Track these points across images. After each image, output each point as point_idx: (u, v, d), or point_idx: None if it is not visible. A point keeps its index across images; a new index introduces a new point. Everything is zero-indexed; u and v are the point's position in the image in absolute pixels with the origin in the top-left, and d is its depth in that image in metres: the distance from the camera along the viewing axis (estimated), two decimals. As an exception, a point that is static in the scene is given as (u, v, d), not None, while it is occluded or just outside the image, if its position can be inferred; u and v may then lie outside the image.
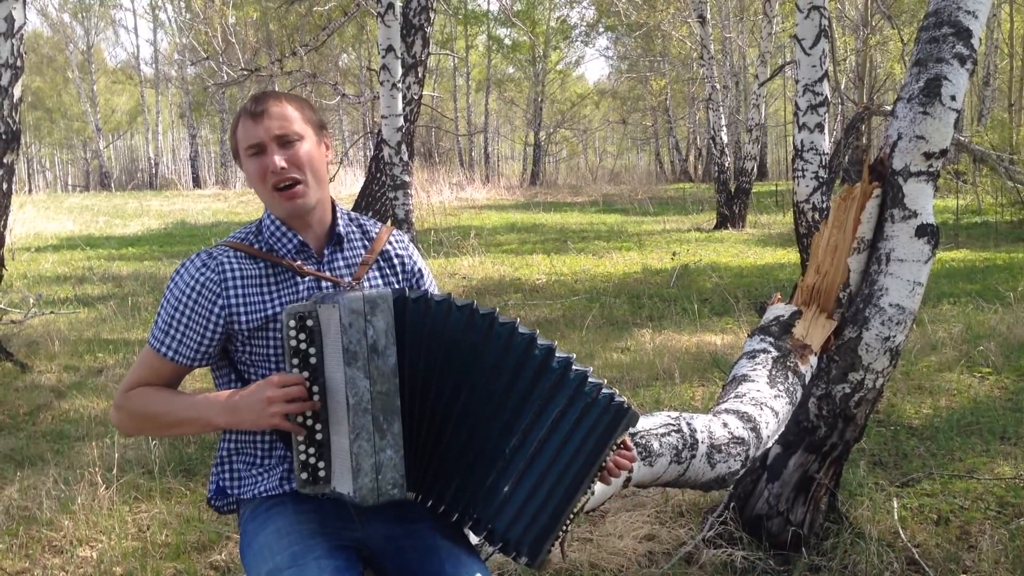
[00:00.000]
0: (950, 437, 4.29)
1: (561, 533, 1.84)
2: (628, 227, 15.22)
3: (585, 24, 34.48)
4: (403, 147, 8.70)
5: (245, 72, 11.93)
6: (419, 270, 2.11)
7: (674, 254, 10.82)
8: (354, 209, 10.99)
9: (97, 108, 39.05)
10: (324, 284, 1.96)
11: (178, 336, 1.91)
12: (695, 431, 3.13)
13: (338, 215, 2.03)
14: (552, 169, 38.76)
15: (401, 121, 8.69)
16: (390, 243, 2.09)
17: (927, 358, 5.75)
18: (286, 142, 1.91)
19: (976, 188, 15.01)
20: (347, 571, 1.79)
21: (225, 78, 12.31)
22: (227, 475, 2.00)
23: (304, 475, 1.79)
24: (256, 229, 1.99)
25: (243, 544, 1.93)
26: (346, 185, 21.14)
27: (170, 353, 1.92)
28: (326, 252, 2.00)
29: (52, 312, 7.78)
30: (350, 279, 1.99)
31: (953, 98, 2.93)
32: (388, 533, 1.91)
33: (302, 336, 1.78)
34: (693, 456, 3.10)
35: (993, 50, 23.14)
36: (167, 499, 3.79)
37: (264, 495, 1.95)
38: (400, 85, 8.67)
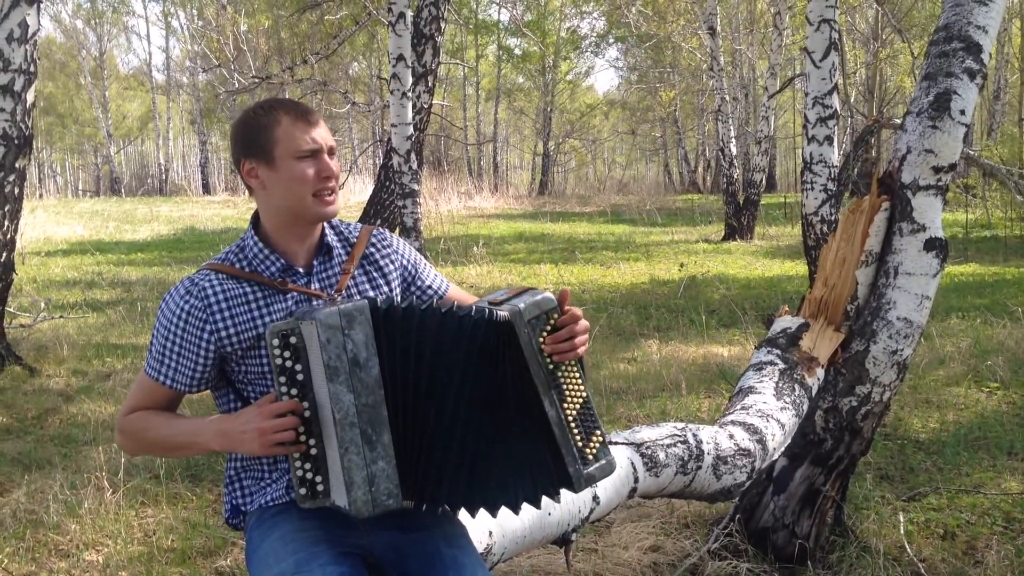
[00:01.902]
0: (957, 452, 4.28)
1: (579, 440, 1.80)
2: (636, 238, 15.22)
3: (595, 35, 34.56)
4: (412, 155, 8.73)
5: (256, 80, 12.00)
6: (411, 261, 2.09)
7: (681, 265, 10.81)
8: (362, 217, 11.00)
9: (108, 114, 39.27)
10: (314, 299, 1.95)
11: (173, 365, 1.92)
12: (701, 442, 3.13)
13: (323, 226, 2.03)
14: (560, 179, 38.82)
15: (411, 130, 8.72)
16: (372, 246, 2.06)
17: (935, 372, 5.73)
18: (332, 152, 1.96)
19: (985, 202, 14.96)
20: (352, 577, 1.78)
21: (236, 85, 12.38)
22: (238, 493, 2.01)
23: (303, 490, 1.78)
24: (239, 249, 1.98)
25: (248, 551, 1.93)
26: (355, 193, 21.18)
27: (168, 381, 1.93)
28: (315, 264, 1.99)
29: (61, 316, 7.81)
30: (334, 291, 1.97)
31: (962, 112, 2.93)
32: (392, 540, 1.91)
33: (287, 354, 1.77)
34: (699, 467, 3.10)
35: (1004, 64, 23.13)
36: (173, 504, 3.80)
37: (270, 504, 1.95)
38: (410, 94, 8.71)
